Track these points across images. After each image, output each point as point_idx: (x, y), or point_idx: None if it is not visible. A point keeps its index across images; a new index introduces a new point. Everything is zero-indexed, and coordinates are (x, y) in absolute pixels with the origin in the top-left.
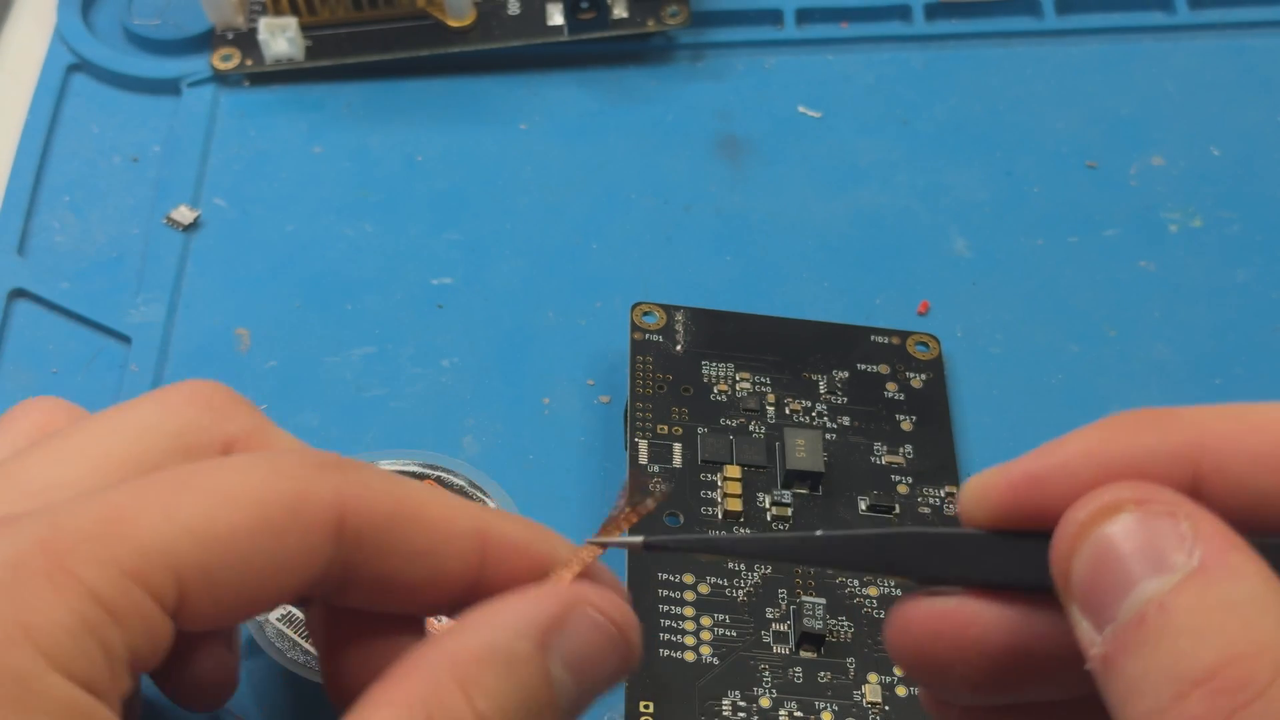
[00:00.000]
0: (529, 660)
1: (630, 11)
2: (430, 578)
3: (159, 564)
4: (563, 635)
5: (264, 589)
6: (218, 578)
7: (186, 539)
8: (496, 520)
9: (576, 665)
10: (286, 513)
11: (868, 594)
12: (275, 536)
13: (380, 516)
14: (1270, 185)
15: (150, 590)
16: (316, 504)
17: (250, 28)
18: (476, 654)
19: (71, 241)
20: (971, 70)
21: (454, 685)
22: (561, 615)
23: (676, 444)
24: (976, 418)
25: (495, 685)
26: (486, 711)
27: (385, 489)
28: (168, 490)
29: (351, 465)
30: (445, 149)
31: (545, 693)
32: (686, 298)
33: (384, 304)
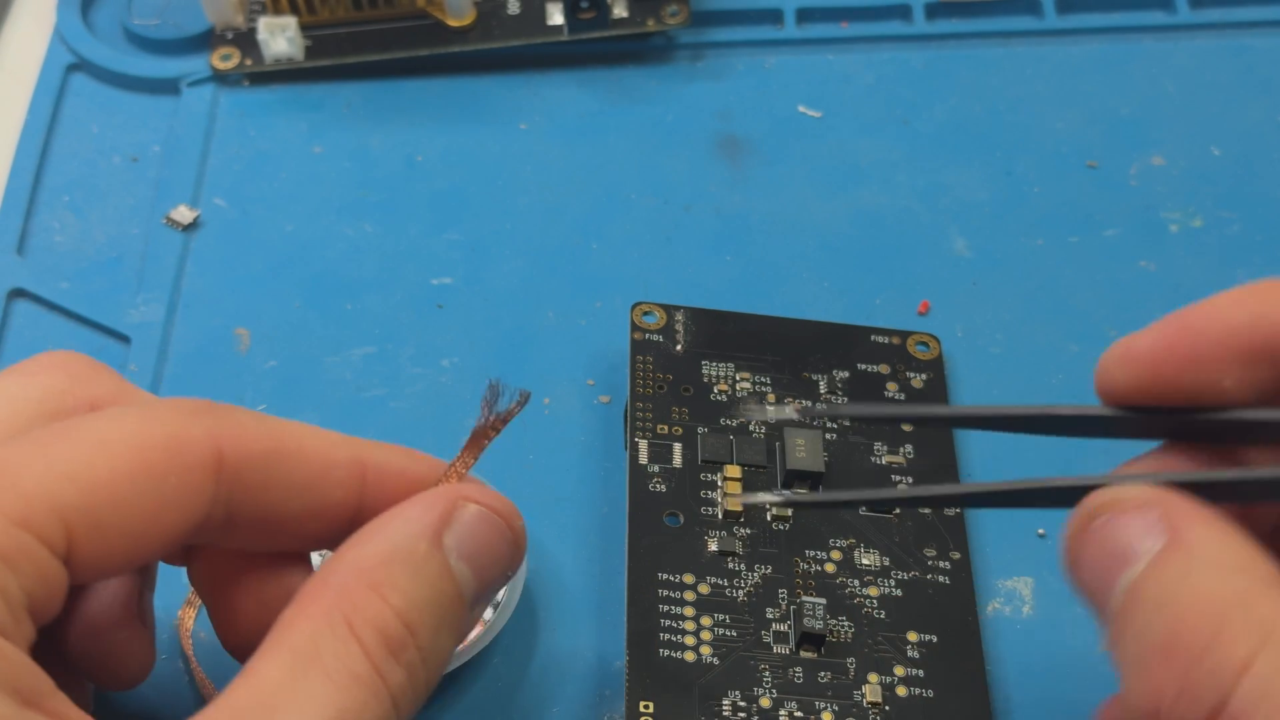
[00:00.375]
0: (429, 556)
1: (630, 11)
2: (312, 509)
3: (43, 509)
4: (454, 530)
5: (150, 532)
6: (103, 520)
7: (68, 485)
8: (373, 449)
9: (471, 555)
10: (164, 454)
11: (868, 594)
12: (155, 478)
13: (257, 453)
14: (1270, 185)
15: (38, 535)
16: (193, 444)
17: (250, 27)
18: (381, 558)
19: (71, 241)
20: (971, 70)
21: (366, 589)
22: (449, 511)
23: (676, 444)
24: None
25: (405, 583)
26: (402, 607)
27: (261, 427)
28: (46, 442)
29: (225, 408)
30: (445, 149)
31: (449, 584)
32: (686, 298)
33: (384, 304)
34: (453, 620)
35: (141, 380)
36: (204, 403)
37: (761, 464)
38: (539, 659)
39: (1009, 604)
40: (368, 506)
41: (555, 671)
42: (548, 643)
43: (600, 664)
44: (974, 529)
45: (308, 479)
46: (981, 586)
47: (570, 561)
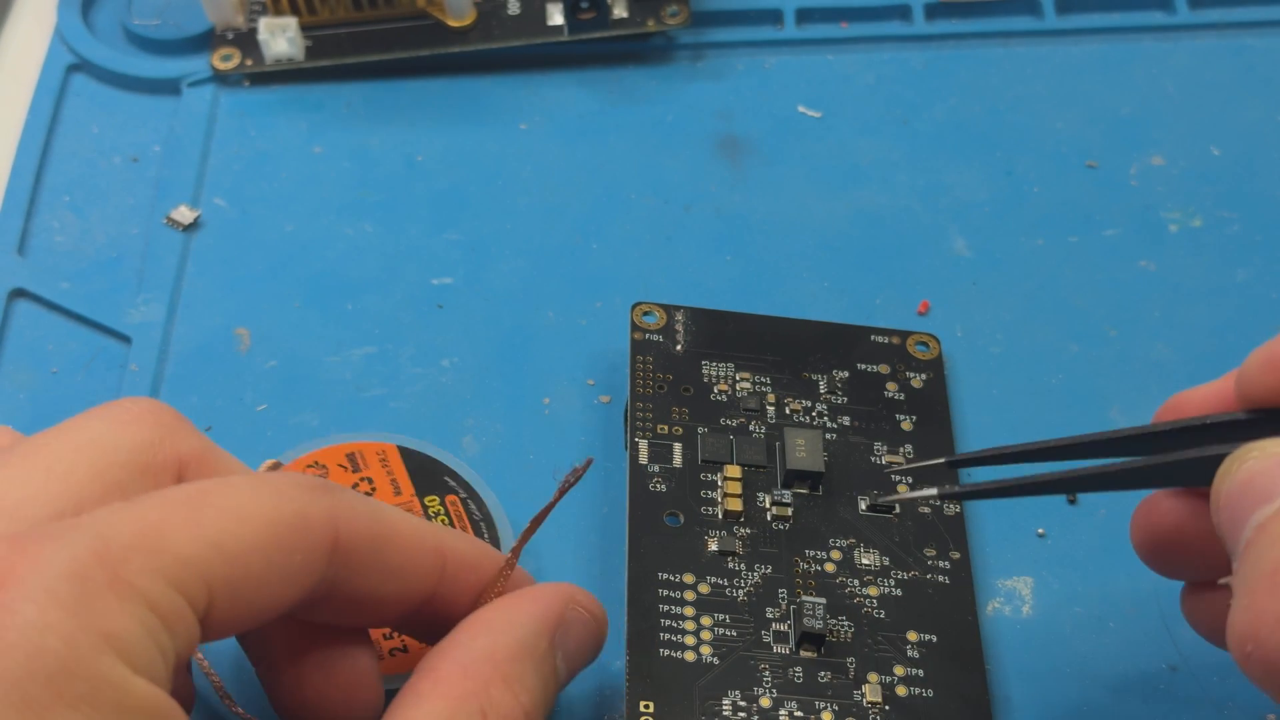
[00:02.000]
0: (547, 655)
1: (630, 11)
2: (400, 592)
3: (194, 575)
4: (563, 631)
5: (272, 599)
6: (238, 588)
7: (214, 553)
8: (451, 538)
9: (570, 654)
10: (293, 531)
11: (868, 594)
12: (284, 553)
13: (364, 536)
14: (1270, 185)
15: (189, 599)
16: (316, 523)
17: (250, 28)
18: (514, 653)
19: (71, 241)
20: (971, 70)
21: (501, 682)
22: (563, 614)
23: (676, 444)
24: (976, 418)
25: (531, 680)
26: (528, 703)
27: (367, 511)
28: (190, 506)
29: (338, 488)
30: (445, 149)
31: (554, 681)
32: (686, 298)
33: (384, 304)
34: (549, 710)
35: (142, 380)
36: (320, 481)
37: (761, 464)
38: None
39: (1009, 604)
40: (440, 592)
41: None
42: None
43: (600, 664)
44: (974, 529)
45: (402, 564)
46: (981, 586)
47: (570, 561)
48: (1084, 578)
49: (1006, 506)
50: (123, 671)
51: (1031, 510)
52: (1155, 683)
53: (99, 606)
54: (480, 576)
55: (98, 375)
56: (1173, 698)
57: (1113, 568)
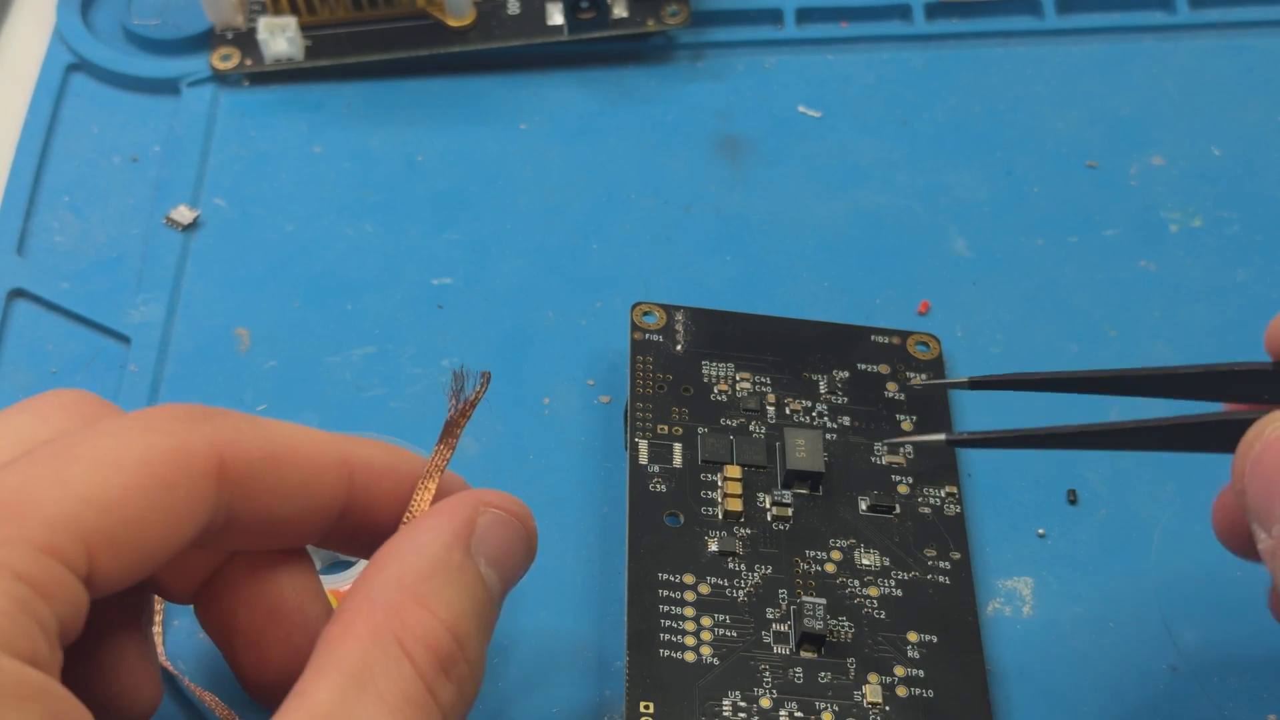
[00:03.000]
0: (463, 566)
1: (630, 11)
2: (305, 510)
3: (66, 535)
4: (478, 536)
5: (161, 542)
6: (120, 539)
7: (86, 507)
8: (359, 446)
9: (495, 559)
10: (171, 467)
11: (868, 594)
12: (165, 491)
13: (255, 458)
14: (1270, 185)
15: (64, 561)
16: (196, 454)
17: (250, 27)
18: (422, 572)
19: (71, 241)
20: (971, 70)
21: (412, 604)
22: (472, 519)
23: (676, 444)
24: (976, 418)
25: (448, 594)
26: (449, 619)
27: (256, 432)
28: (55, 463)
29: (220, 413)
30: (445, 149)
31: (482, 590)
32: (686, 298)
33: (384, 304)
34: (486, 623)
35: (141, 380)
36: (199, 409)
37: (761, 464)
38: (539, 659)
39: (1009, 604)
40: (354, 504)
41: (555, 672)
42: (548, 642)
43: (600, 664)
44: (974, 529)
45: (302, 481)
46: (981, 586)
47: (570, 561)
48: (1084, 578)
49: (1007, 507)
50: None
51: (1031, 510)
52: (1155, 683)
53: None
54: (398, 483)
55: (97, 375)
56: (1173, 698)
57: (1113, 568)
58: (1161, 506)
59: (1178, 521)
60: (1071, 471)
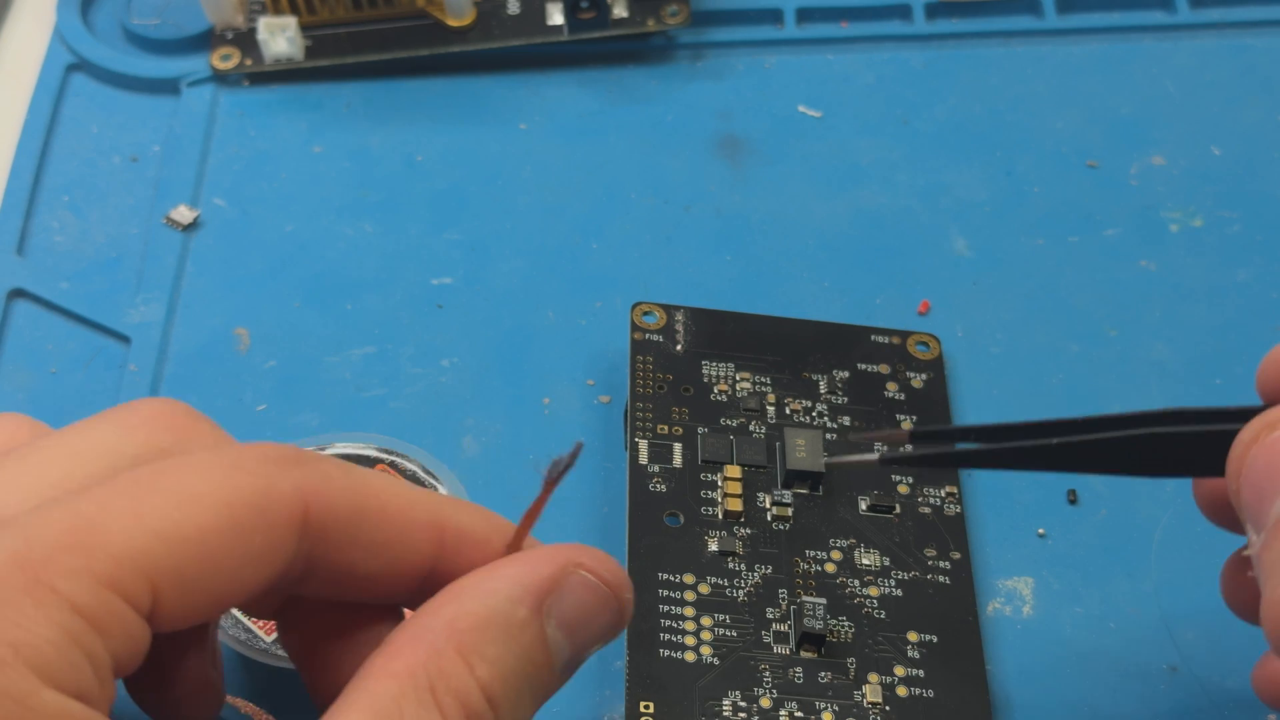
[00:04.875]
0: (526, 625)
1: (630, 11)
2: (389, 568)
3: (132, 570)
4: (557, 597)
5: (233, 586)
6: (189, 578)
7: (157, 543)
8: (452, 509)
9: (570, 626)
10: (252, 511)
11: (868, 594)
12: (243, 535)
13: (342, 510)
14: (1270, 185)
15: (126, 597)
16: (280, 500)
17: (250, 27)
18: (475, 622)
19: (71, 241)
20: (971, 70)
21: (454, 653)
22: (556, 577)
23: (676, 444)
24: (976, 418)
25: (495, 651)
26: (487, 678)
27: (346, 483)
28: (133, 494)
29: (312, 458)
30: (445, 149)
31: (542, 655)
32: (686, 298)
33: (384, 304)
34: (539, 689)
35: (141, 380)
36: (292, 451)
37: (762, 464)
38: None
39: (1009, 604)
40: (443, 567)
41: None
42: None
43: (600, 664)
44: (974, 529)
45: (387, 538)
46: (981, 586)
47: None
48: (1084, 578)
49: (1007, 507)
50: (29, 683)
51: (1031, 510)
52: (1155, 683)
53: (9, 614)
54: (489, 551)
55: (97, 375)
56: (1173, 698)
57: (1113, 568)
58: (1161, 506)
59: (1178, 521)
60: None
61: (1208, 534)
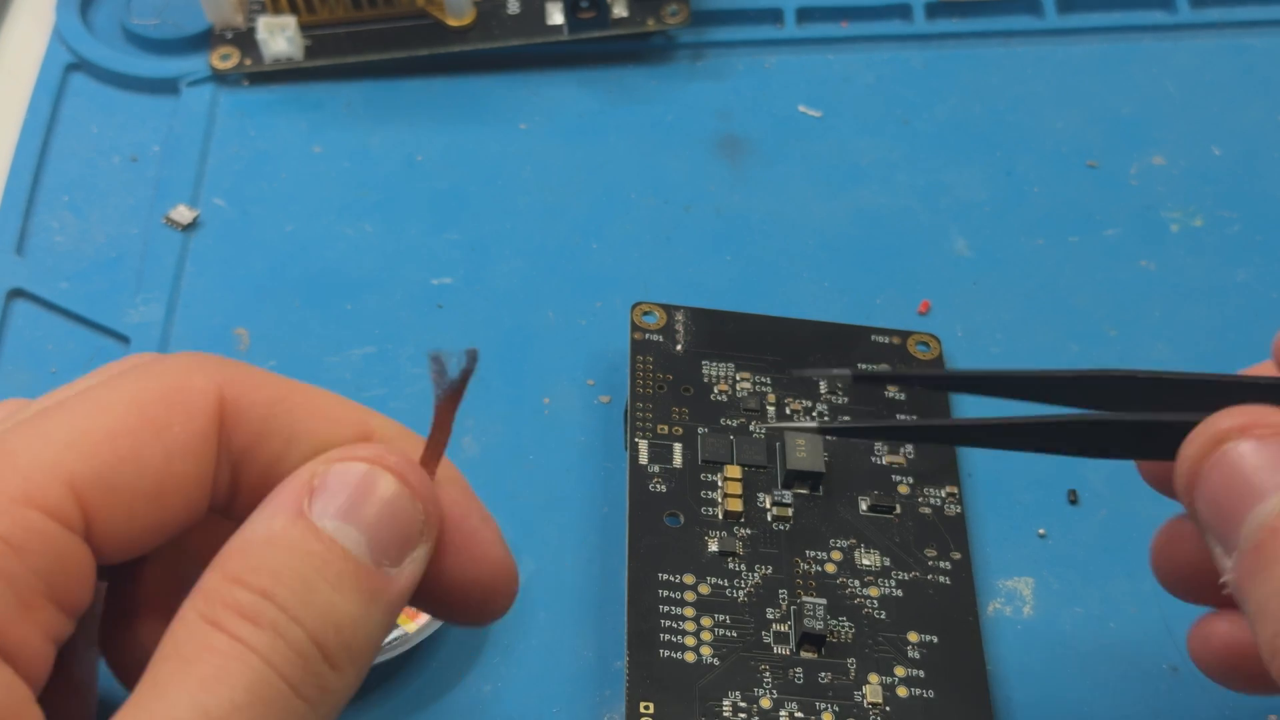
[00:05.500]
0: (286, 530)
1: (630, 11)
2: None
3: (46, 481)
4: (319, 496)
5: (165, 489)
6: (114, 482)
7: (68, 451)
8: (379, 420)
9: (348, 512)
10: (163, 405)
11: (868, 594)
12: (157, 429)
13: (260, 400)
14: (1270, 185)
15: (47, 510)
16: (193, 392)
17: (249, 27)
18: (236, 549)
19: (70, 241)
20: (971, 70)
21: (227, 583)
22: (306, 480)
23: (677, 444)
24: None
25: (260, 562)
26: (258, 582)
27: (266, 378)
28: (39, 416)
29: (232, 361)
30: (445, 149)
31: (318, 544)
32: (686, 298)
33: (384, 304)
34: (337, 577)
35: None
36: (211, 356)
37: (762, 464)
38: (539, 659)
39: (1009, 604)
40: None
41: (555, 671)
42: (548, 643)
43: (600, 664)
44: (974, 529)
45: (311, 432)
46: (981, 586)
47: (570, 561)
48: (1084, 578)
49: (1007, 507)
50: None
51: (1031, 510)
52: (1155, 683)
53: None
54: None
55: None
56: (1173, 698)
57: (1113, 568)
58: (1161, 506)
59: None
60: (1072, 471)
61: None
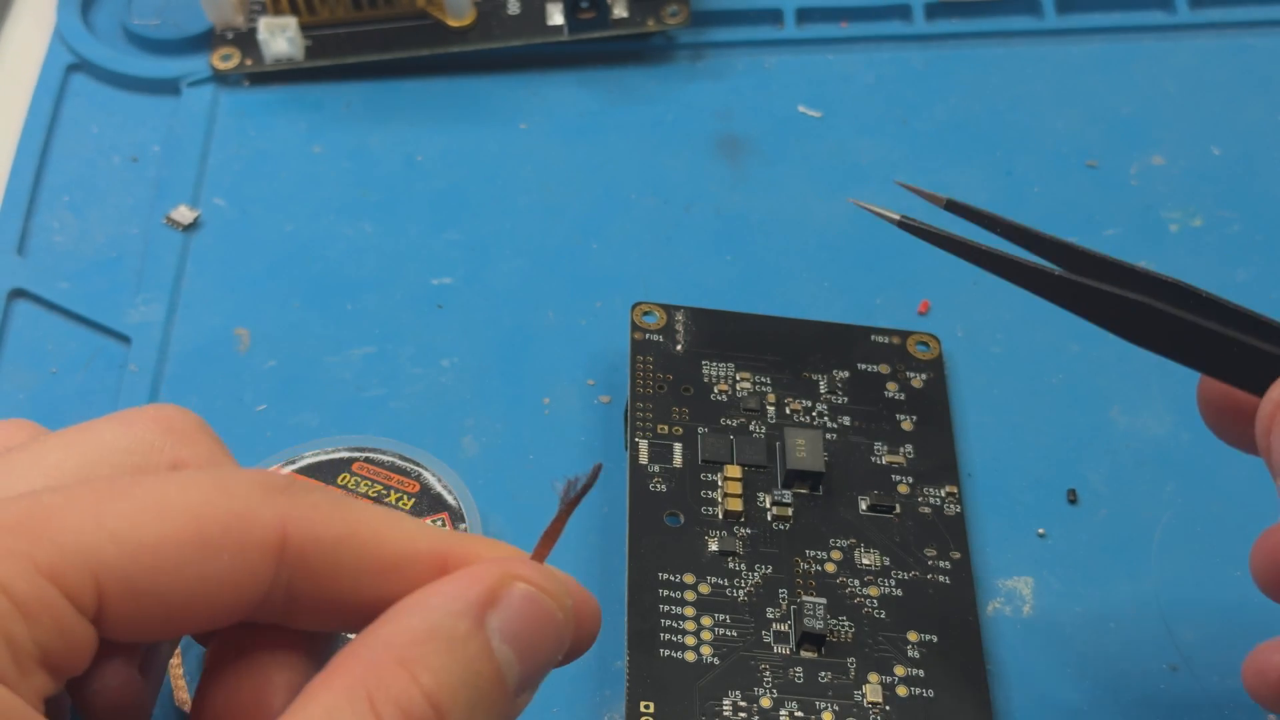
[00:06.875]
0: (468, 636)
1: (630, 11)
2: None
3: (75, 564)
4: (498, 610)
5: (194, 604)
6: (141, 586)
7: (110, 544)
8: (458, 541)
9: (515, 638)
10: (223, 530)
11: (868, 594)
12: (208, 553)
13: (327, 539)
14: (1270, 185)
15: (64, 590)
16: (257, 524)
17: (250, 27)
18: (415, 636)
19: (71, 241)
20: (971, 70)
21: (395, 666)
22: (495, 589)
23: (677, 444)
24: (976, 418)
25: (438, 663)
26: (431, 687)
27: (334, 512)
28: (103, 494)
29: (302, 488)
30: (445, 149)
31: (489, 667)
32: (686, 298)
33: (384, 304)
34: (490, 705)
35: (141, 380)
36: (282, 479)
37: (762, 464)
38: None
39: (1009, 604)
40: None
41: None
42: None
43: (600, 664)
44: (974, 529)
45: (382, 567)
46: (981, 586)
47: (570, 561)
48: (1084, 578)
49: (1007, 507)
50: None
51: (1031, 510)
52: (1155, 683)
53: None
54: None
55: (97, 375)
56: (1173, 698)
57: (1113, 568)
58: (1161, 506)
59: (1178, 521)
60: (1071, 471)
61: (1208, 534)
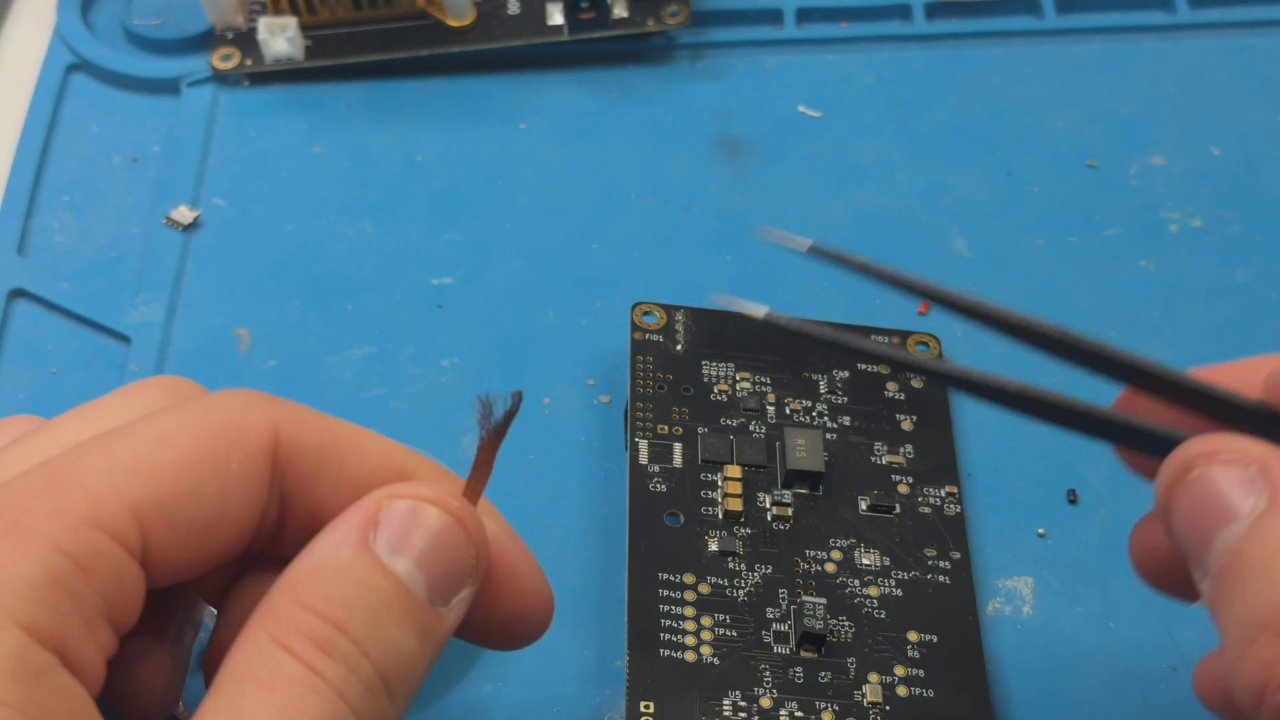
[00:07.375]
0: (355, 559)
1: (630, 11)
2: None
3: (113, 506)
4: (381, 528)
5: (219, 523)
6: (173, 513)
7: (133, 479)
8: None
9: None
10: (223, 441)
11: (868, 594)
12: (216, 465)
13: (312, 442)
14: (1270, 185)
15: (112, 534)
16: (250, 430)
17: (250, 27)
18: (306, 574)
19: (71, 241)
20: (971, 70)
21: (292, 605)
22: (370, 512)
23: (677, 444)
24: (976, 418)
25: (328, 589)
26: (326, 610)
27: (316, 419)
28: (106, 441)
29: (283, 400)
30: (445, 149)
31: (385, 580)
32: (686, 298)
33: (384, 304)
34: (400, 615)
35: None
36: (262, 394)
37: (762, 464)
38: (539, 659)
39: (1009, 604)
40: None
41: (555, 671)
42: (548, 643)
43: (600, 664)
44: (974, 529)
45: (359, 476)
46: (981, 586)
47: (570, 561)
48: (1084, 578)
49: (1007, 507)
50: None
51: (1031, 510)
52: (1155, 683)
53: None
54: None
55: (97, 375)
56: (1173, 698)
57: (1113, 568)
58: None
59: None
60: (1072, 471)
61: None
